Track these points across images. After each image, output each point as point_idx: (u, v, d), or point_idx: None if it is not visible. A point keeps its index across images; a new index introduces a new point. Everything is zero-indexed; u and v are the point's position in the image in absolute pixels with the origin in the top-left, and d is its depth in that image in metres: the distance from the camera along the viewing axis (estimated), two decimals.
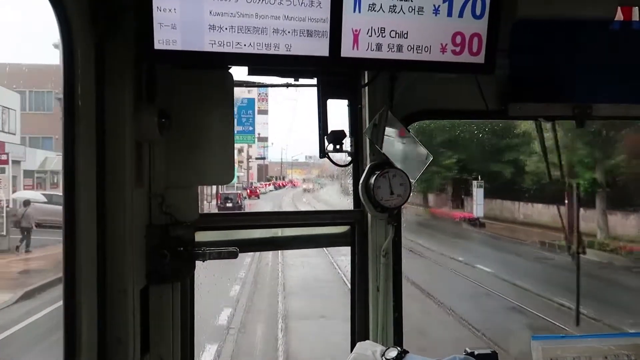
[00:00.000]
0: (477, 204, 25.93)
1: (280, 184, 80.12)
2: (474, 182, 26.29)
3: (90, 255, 1.87)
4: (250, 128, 41.25)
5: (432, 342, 9.79)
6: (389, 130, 2.54)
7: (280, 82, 2.68)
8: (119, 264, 1.98)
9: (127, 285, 2.00)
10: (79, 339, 1.79)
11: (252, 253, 16.05)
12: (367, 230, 2.66)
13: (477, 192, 25.83)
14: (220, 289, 12.71)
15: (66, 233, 1.77)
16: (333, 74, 2.56)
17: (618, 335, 2.52)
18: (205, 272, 2.55)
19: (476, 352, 2.32)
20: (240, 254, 2.29)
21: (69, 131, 1.77)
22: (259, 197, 50.98)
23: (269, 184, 73.59)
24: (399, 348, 2.04)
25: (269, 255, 17.79)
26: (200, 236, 2.42)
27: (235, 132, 2.44)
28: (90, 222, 1.87)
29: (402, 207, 2.59)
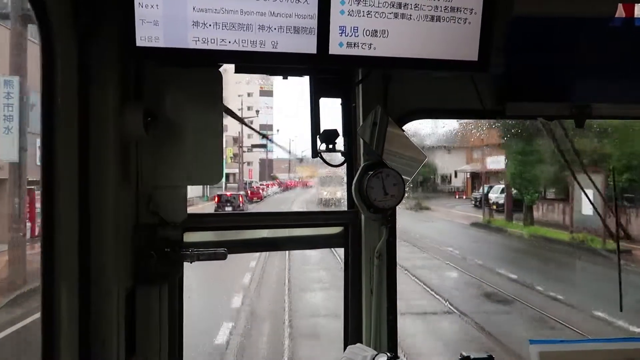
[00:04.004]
0: None
1: (288, 184, 63.86)
2: None
3: (72, 256, 1.83)
4: None
5: None
6: (383, 130, 2.48)
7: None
8: (104, 265, 1.94)
9: (112, 286, 1.96)
10: (57, 340, 1.74)
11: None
12: (360, 232, 2.61)
13: None
14: None
15: (45, 232, 1.73)
16: (325, 71, 2.50)
17: (619, 340, 2.45)
18: None
19: (472, 356, 2.27)
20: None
21: (49, 130, 1.72)
22: (261, 199, 40.89)
23: (273, 184, 57.61)
24: (388, 354, 1.99)
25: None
26: (190, 237, 2.39)
27: None
28: (72, 223, 1.83)
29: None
